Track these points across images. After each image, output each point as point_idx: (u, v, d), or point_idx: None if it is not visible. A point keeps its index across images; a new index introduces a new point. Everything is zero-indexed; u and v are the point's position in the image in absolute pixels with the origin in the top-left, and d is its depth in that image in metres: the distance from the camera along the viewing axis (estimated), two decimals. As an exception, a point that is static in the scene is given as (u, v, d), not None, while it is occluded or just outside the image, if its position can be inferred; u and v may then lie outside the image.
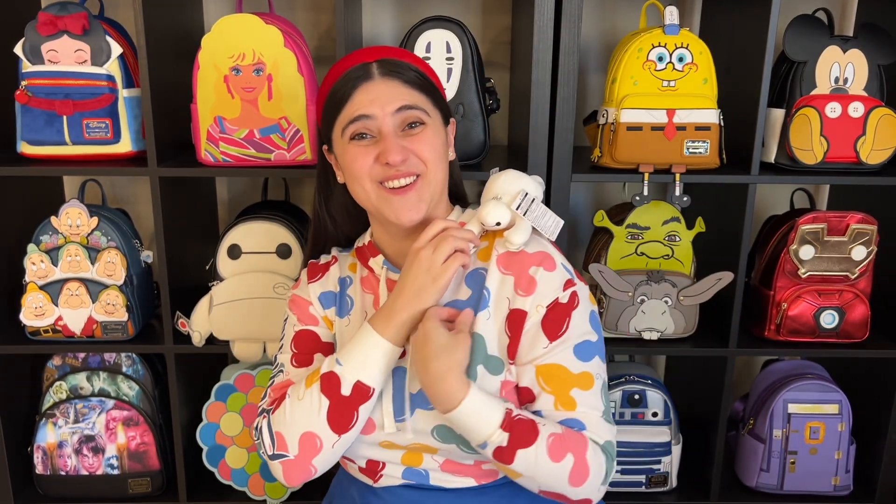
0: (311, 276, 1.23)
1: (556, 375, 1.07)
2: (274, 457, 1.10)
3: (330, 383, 1.07)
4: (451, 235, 1.09)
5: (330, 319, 1.20)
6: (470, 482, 1.12)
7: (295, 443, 1.08)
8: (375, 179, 1.10)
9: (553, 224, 1.13)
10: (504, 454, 1.02)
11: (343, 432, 1.08)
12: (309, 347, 1.18)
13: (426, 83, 1.12)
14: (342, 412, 1.07)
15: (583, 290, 1.11)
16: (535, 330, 1.08)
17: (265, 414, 1.12)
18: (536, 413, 1.07)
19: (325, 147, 1.18)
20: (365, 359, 1.07)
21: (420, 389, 1.09)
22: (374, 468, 1.15)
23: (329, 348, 1.19)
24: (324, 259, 1.26)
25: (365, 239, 1.23)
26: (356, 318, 1.18)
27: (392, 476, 1.14)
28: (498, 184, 1.14)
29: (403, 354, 1.11)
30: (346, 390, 1.06)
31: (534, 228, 1.11)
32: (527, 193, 1.12)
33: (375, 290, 1.18)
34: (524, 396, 1.09)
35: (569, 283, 1.09)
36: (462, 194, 1.25)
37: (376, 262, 1.18)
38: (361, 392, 1.07)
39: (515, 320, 1.08)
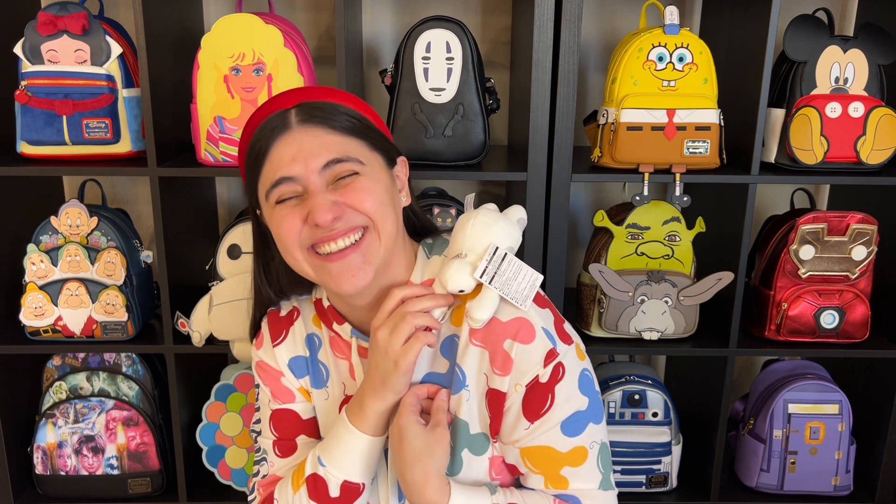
0: (275, 337, 1.11)
1: (544, 457, 0.99)
2: None
3: (316, 487, 1.01)
4: (409, 312, 0.94)
5: (307, 390, 1.11)
6: None
7: None
8: (305, 245, 0.95)
9: (527, 287, 0.96)
10: None
11: None
12: (290, 431, 1.10)
13: (358, 125, 0.97)
14: None
15: (568, 355, 0.98)
16: (515, 410, 0.98)
17: None
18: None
19: (258, 211, 1.03)
20: (347, 456, 0.99)
21: None
22: None
23: (311, 425, 1.11)
24: (284, 308, 1.13)
25: (323, 297, 1.10)
26: (334, 391, 1.10)
27: None
28: (466, 234, 0.98)
29: None
30: (334, 492, 1.00)
31: (502, 297, 0.96)
32: (496, 251, 0.96)
33: (348, 356, 1.08)
34: (514, 469, 1.03)
35: (550, 356, 0.96)
36: (432, 229, 1.11)
37: (344, 331, 1.07)
38: (350, 490, 1.00)
39: (494, 400, 0.98)
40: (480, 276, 0.95)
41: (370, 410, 0.98)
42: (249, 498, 1.12)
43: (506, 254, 0.97)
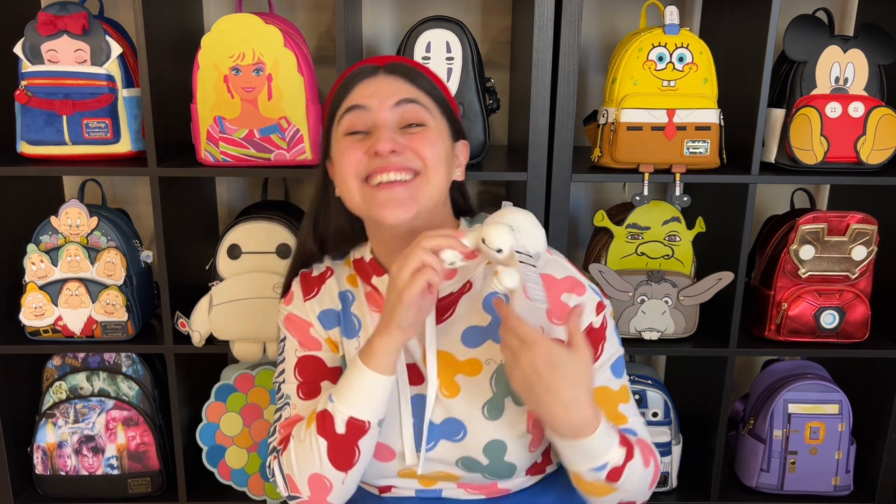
0: (307, 293, 1.15)
1: (602, 396, 1.05)
2: (290, 498, 1.07)
3: (325, 422, 1.02)
4: (421, 247, 0.95)
5: (335, 341, 1.13)
6: (480, 497, 1.11)
7: (305, 485, 1.04)
8: (361, 176, 1.02)
9: (540, 297, 0.95)
10: (617, 472, 0.97)
11: (348, 468, 1.03)
12: (314, 375, 1.12)
13: (436, 91, 1.07)
14: (342, 450, 1.02)
15: (609, 308, 1.10)
16: None
17: (276, 454, 1.08)
18: None
19: (327, 161, 1.11)
20: (353, 392, 1.00)
21: (445, 419, 1.05)
22: (383, 492, 1.13)
23: (335, 374, 1.13)
24: (317, 270, 1.17)
25: (365, 253, 1.15)
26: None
27: (402, 495, 1.12)
28: (515, 215, 1.00)
29: (421, 381, 1.06)
30: (340, 428, 1.01)
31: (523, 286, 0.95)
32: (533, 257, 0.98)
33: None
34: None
35: (600, 306, 1.07)
36: (472, 211, 1.18)
37: (381, 282, 1.11)
38: (356, 427, 1.01)
39: None
40: (519, 251, 0.96)
41: (377, 346, 0.99)
42: (269, 440, 1.13)
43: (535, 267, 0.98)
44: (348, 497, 1.07)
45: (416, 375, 1.08)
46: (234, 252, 1.57)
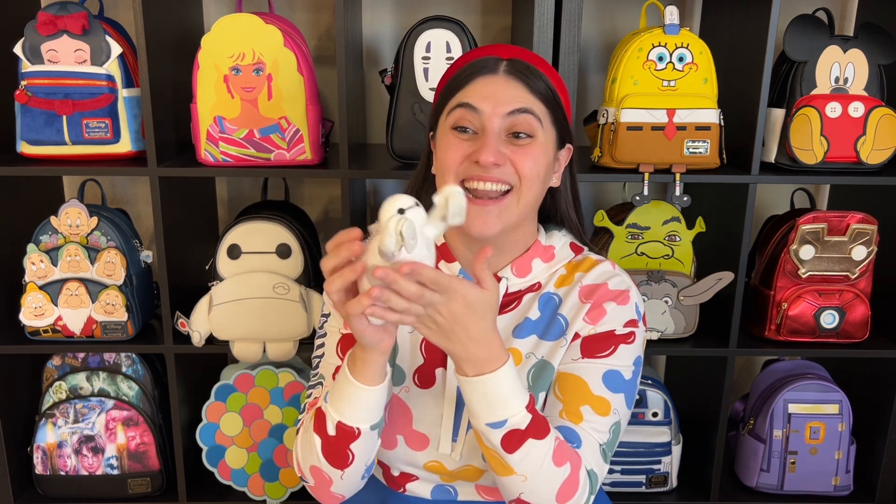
0: None
1: (573, 387, 1.03)
2: (302, 479, 1.07)
3: (319, 420, 1.00)
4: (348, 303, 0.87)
5: None
6: (493, 502, 1.11)
7: (308, 474, 1.04)
8: (460, 177, 1.02)
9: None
10: (514, 439, 0.93)
11: (344, 468, 1.00)
12: None
13: (551, 96, 1.04)
14: (335, 451, 1.00)
15: (640, 333, 1.08)
16: (577, 343, 1.06)
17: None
18: None
19: (431, 133, 1.11)
20: (342, 399, 0.97)
21: None
22: (402, 481, 1.12)
23: None
24: None
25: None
26: None
27: (418, 491, 1.12)
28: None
29: None
30: (331, 430, 0.99)
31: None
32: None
33: None
34: None
35: (631, 323, 1.06)
36: (569, 225, 1.14)
37: (451, 269, 1.10)
38: (346, 433, 0.98)
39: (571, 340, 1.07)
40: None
41: (359, 357, 0.95)
42: (299, 417, 1.12)
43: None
44: (355, 490, 1.06)
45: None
46: (234, 252, 1.57)
